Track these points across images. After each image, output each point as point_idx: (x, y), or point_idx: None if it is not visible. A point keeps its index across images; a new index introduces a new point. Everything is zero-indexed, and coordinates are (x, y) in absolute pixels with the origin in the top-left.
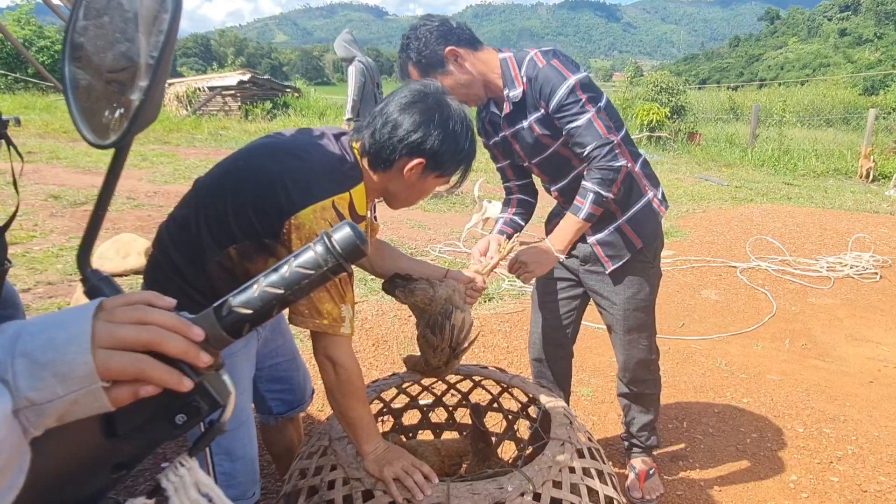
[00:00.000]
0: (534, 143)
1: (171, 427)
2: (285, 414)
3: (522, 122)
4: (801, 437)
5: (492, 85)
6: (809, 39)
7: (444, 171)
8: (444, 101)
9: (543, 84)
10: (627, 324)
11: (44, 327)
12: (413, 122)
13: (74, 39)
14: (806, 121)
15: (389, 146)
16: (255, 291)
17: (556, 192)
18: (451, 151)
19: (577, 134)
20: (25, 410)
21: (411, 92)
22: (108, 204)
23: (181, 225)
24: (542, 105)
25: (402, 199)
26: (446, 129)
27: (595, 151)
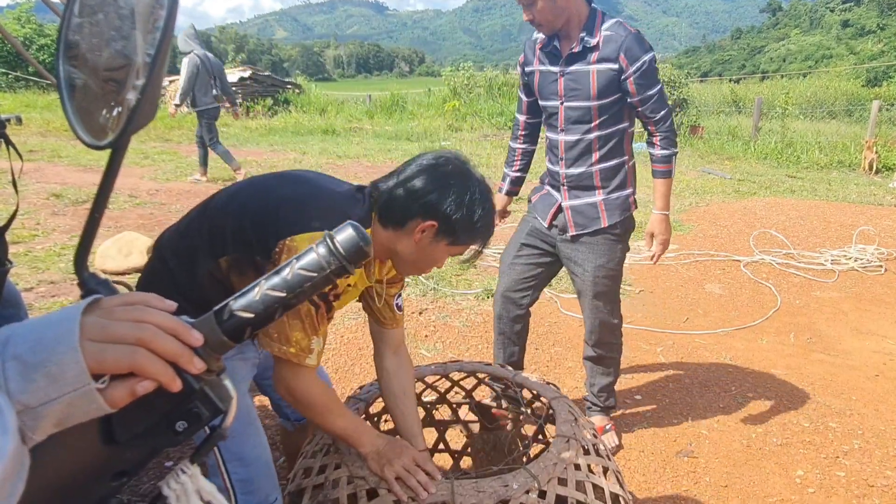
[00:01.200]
0: (581, 89)
1: (171, 434)
2: (302, 420)
3: (586, 65)
4: (807, 432)
5: (571, 25)
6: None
7: (457, 240)
8: (466, 170)
9: (631, 47)
10: (595, 289)
11: (33, 328)
12: (431, 183)
13: (69, 37)
14: (809, 113)
15: (404, 203)
16: (257, 295)
17: (564, 143)
18: (466, 219)
19: (653, 101)
20: (21, 414)
21: (435, 156)
22: (104, 206)
23: (183, 232)
24: (622, 60)
25: (410, 264)
26: (464, 196)
27: (664, 120)
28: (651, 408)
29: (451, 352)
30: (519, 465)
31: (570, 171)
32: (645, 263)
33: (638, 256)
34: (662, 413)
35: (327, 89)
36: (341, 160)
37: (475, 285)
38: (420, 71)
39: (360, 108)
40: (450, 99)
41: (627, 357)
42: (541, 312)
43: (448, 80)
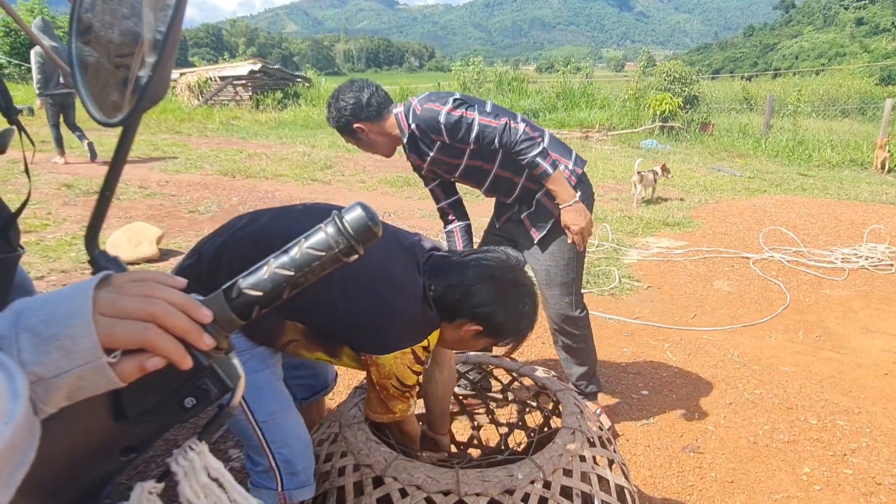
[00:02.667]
0: (447, 166)
1: (180, 410)
2: (309, 399)
3: (428, 153)
4: (815, 429)
5: (396, 138)
6: (825, 28)
7: (499, 340)
8: (521, 282)
9: (427, 124)
10: (549, 278)
11: (46, 302)
12: (485, 295)
13: (81, 16)
14: (821, 111)
15: (458, 306)
16: (265, 273)
17: (486, 192)
18: (513, 329)
19: (482, 137)
20: (34, 385)
21: (497, 263)
22: (115, 184)
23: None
24: (435, 139)
25: (451, 346)
26: (514, 310)
27: (503, 138)
28: (658, 403)
29: None
30: (524, 455)
31: (509, 199)
32: (654, 259)
33: (646, 252)
34: (669, 408)
35: (337, 83)
36: (350, 154)
37: None
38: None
39: None
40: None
41: (634, 352)
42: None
43: (458, 75)
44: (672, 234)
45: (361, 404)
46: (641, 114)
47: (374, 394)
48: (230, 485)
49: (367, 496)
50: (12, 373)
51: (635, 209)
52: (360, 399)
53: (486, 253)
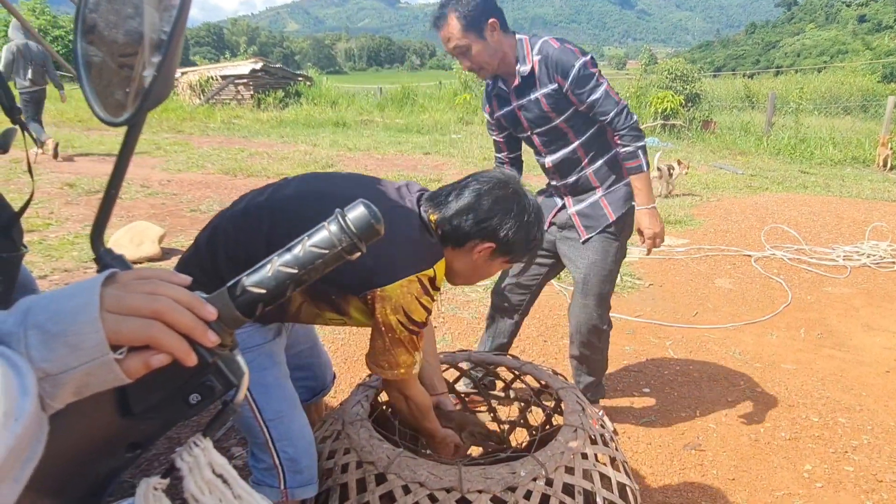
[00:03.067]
0: (539, 115)
1: (185, 407)
2: (309, 400)
3: (531, 94)
4: (816, 427)
5: (507, 61)
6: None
7: (513, 258)
8: (522, 192)
9: (559, 62)
10: (586, 288)
11: (53, 300)
12: (492, 209)
13: (86, 16)
14: (823, 108)
15: (465, 228)
16: (269, 271)
17: (551, 163)
18: (523, 241)
19: (599, 104)
20: (42, 381)
21: (491, 179)
22: (121, 182)
23: (245, 236)
24: (557, 79)
25: (464, 277)
26: (521, 219)
27: (617, 117)
28: (659, 401)
29: (459, 343)
30: (526, 452)
31: (566, 182)
32: (655, 258)
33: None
34: (670, 406)
35: (338, 82)
36: (352, 152)
37: None
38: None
39: (371, 100)
40: (461, 92)
41: (636, 350)
42: (549, 305)
43: (459, 73)
44: (674, 232)
45: (364, 402)
46: (643, 112)
47: (380, 341)
48: (234, 480)
49: (369, 493)
50: (21, 370)
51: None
52: (362, 396)
53: (479, 175)
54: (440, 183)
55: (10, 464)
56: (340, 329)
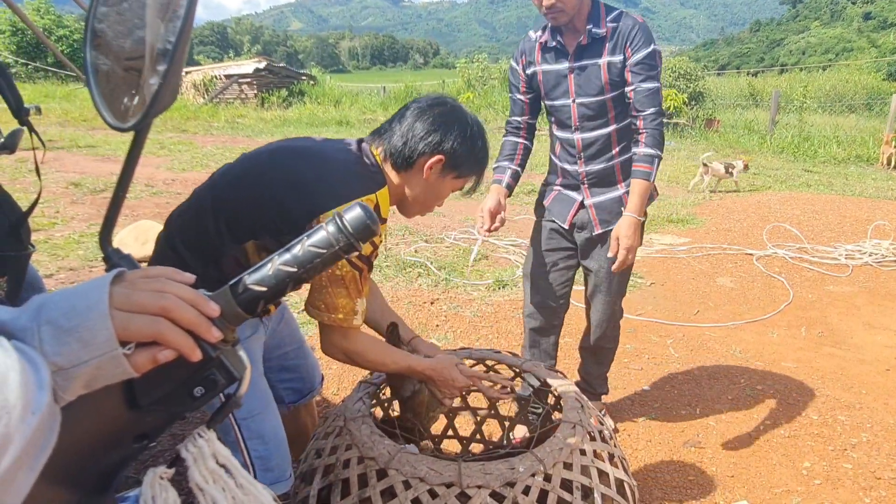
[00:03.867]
0: (593, 83)
1: (190, 399)
2: (297, 402)
3: (596, 59)
4: (815, 425)
5: (581, 15)
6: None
7: (462, 172)
8: (460, 107)
9: (636, 36)
10: (609, 284)
11: (66, 297)
12: (434, 122)
13: (95, 26)
14: (827, 107)
15: (411, 146)
16: (270, 270)
17: (581, 140)
18: (468, 152)
19: (648, 94)
20: (54, 375)
21: (429, 99)
22: (128, 185)
23: (193, 218)
24: (627, 51)
25: (419, 203)
26: (464, 131)
27: (653, 115)
28: (660, 398)
29: (461, 341)
30: (525, 449)
31: (590, 169)
32: (657, 257)
33: (650, 249)
34: (671, 404)
35: (342, 81)
36: None
37: (486, 276)
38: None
39: (375, 99)
40: (464, 91)
41: (637, 348)
42: None
43: (462, 72)
44: (676, 231)
45: (366, 398)
46: None
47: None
48: (237, 470)
49: (370, 488)
50: (38, 365)
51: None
52: (364, 394)
53: (417, 99)
54: None
55: (27, 453)
56: None
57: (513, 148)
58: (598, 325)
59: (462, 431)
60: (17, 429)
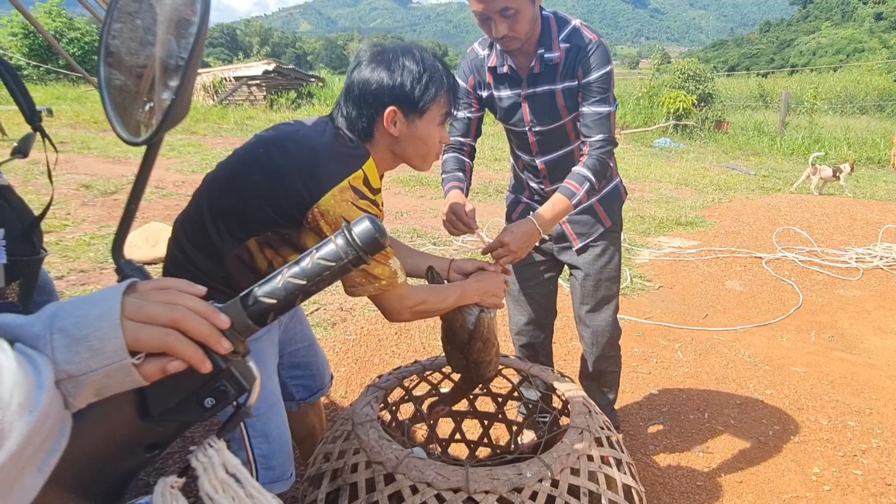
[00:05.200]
0: (549, 111)
1: (200, 410)
2: (307, 399)
3: (550, 85)
4: (825, 430)
5: (533, 39)
6: (843, 24)
7: (422, 106)
8: (381, 47)
9: (592, 56)
10: (598, 295)
11: (78, 305)
12: (361, 79)
13: (109, 42)
14: (838, 108)
15: (357, 115)
16: (279, 282)
17: (543, 164)
18: (410, 82)
19: (597, 119)
20: (65, 382)
21: (353, 59)
22: (140, 198)
23: (194, 221)
24: (579, 72)
25: (417, 155)
26: (390, 66)
27: (600, 143)
28: (668, 403)
29: None
30: (533, 454)
31: (556, 187)
32: (665, 260)
33: (659, 252)
34: (679, 408)
35: None
36: None
37: None
38: None
39: None
40: None
41: (645, 352)
42: (559, 306)
43: None
44: (684, 234)
45: (374, 402)
46: (655, 112)
47: None
48: (247, 480)
49: (378, 493)
50: (39, 366)
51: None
52: (372, 397)
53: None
54: None
55: (32, 453)
56: (351, 329)
57: (460, 163)
58: (591, 344)
59: (470, 435)
60: (13, 425)
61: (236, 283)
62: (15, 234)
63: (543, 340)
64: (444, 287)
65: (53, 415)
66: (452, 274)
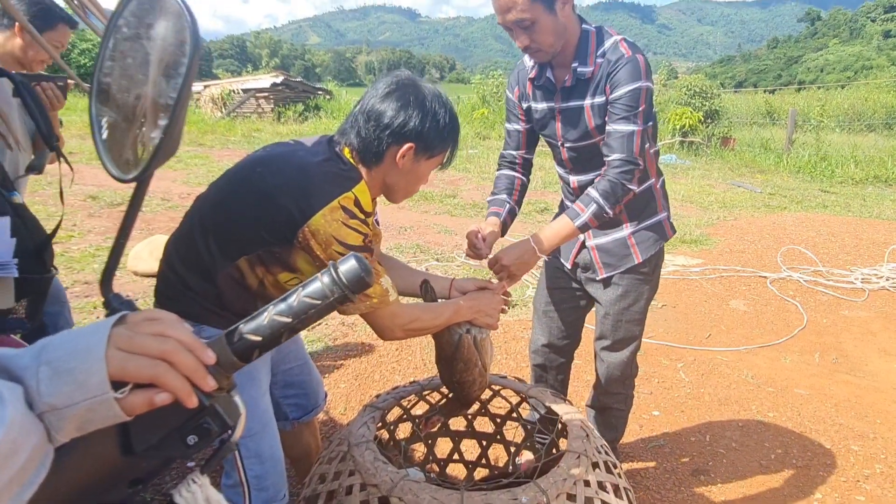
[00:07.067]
0: (579, 127)
1: (183, 447)
2: (301, 419)
3: (580, 101)
4: (828, 454)
5: (567, 50)
6: (851, 41)
7: (434, 151)
8: (416, 84)
9: (621, 71)
10: (616, 335)
11: (67, 338)
12: (392, 109)
13: (101, 80)
14: (846, 125)
15: (376, 139)
16: (265, 319)
17: (577, 183)
18: (435, 129)
19: (620, 137)
20: (48, 414)
21: (384, 84)
22: (129, 234)
23: (186, 241)
24: (607, 90)
25: (402, 190)
26: (424, 108)
27: (618, 162)
28: (669, 424)
29: None
30: (529, 479)
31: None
32: (669, 278)
33: (662, 270)
34: (679, 430)
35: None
36: None
37: None
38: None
39: None
40: (479, 107)
41: (647, 372)
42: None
43: (478, 88)
44: (689, 252)
45: (370, 423)
46: (661, 128)
47: None
48: None
49: None
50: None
51: None
52: (369, 418)
53: (370, 89)
54: (455, 199)
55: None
56: (351, 346)
57: (509, 182)
58: (605, 380)
59: (468, 456)
60: None
61: (228, 301)
62: (26, 252)
63: (560, 366)
64: (438, 305)
65: (29, 448)
66: (454, 293)
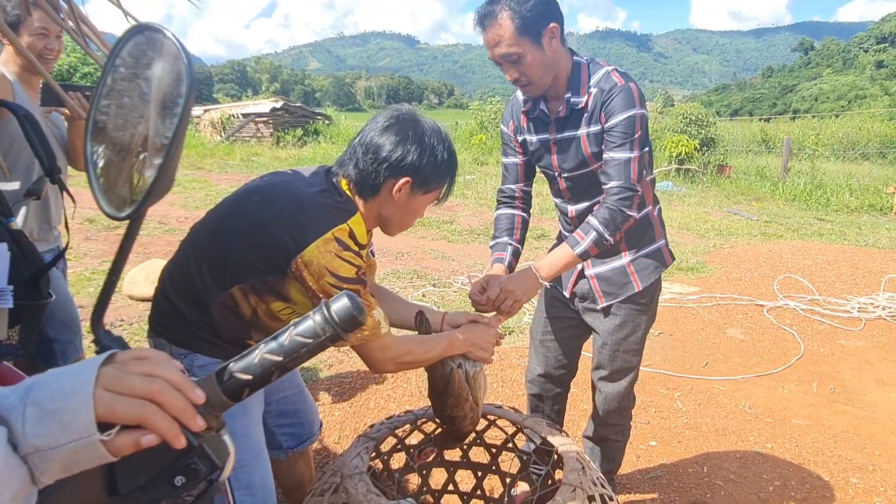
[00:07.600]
0: (575, 157)
1: (170, 488)
2: (296, 448)
3: (574, 131)
4: (827, 487)
5: (558, 82)
6: (845, 71)
7: (430, 186)
8: (416, 119)
9: (615, 100)
10: (614, 365)
11: (55, 378)
12: (391, 143)
13: (97, 118)
14: (840, 154)
15: (373, 172)
16: (256, 358)
17: (575, 213)
18: (432, 164)
19: (613, 164)
20: (32, 456)
21: (385, 117)
22: (121, 271)
23: (180, 271)
24: (602, 118)
25: (396, 223)
26: (423, 143)
27: (617, 189)
28: (666, 455)
29: None
30: None
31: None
32: (666, 305)
33: (659, 298)
34: (677, 461)
35: (357, 120)
36: None
37: None
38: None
39: None
40: (477, 132)
41: (644, 401)
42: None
43: (475, 114)
44: (685, 280)
45: (364, 454)
46: (658, 155)
47: None
48: None
49: None
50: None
51: None
52: (362, 449)
53: (369, 122)
54: (452, 225)
55: None
56: (346, 373)
57: (509, 222)
58: (602, 411)
59: (463, 486)
60: None
61: (222, 330)
62: (22, 279)
63: (556, 396)
64: (432, 338)
65: (11, 491)
66: (445, 327)
